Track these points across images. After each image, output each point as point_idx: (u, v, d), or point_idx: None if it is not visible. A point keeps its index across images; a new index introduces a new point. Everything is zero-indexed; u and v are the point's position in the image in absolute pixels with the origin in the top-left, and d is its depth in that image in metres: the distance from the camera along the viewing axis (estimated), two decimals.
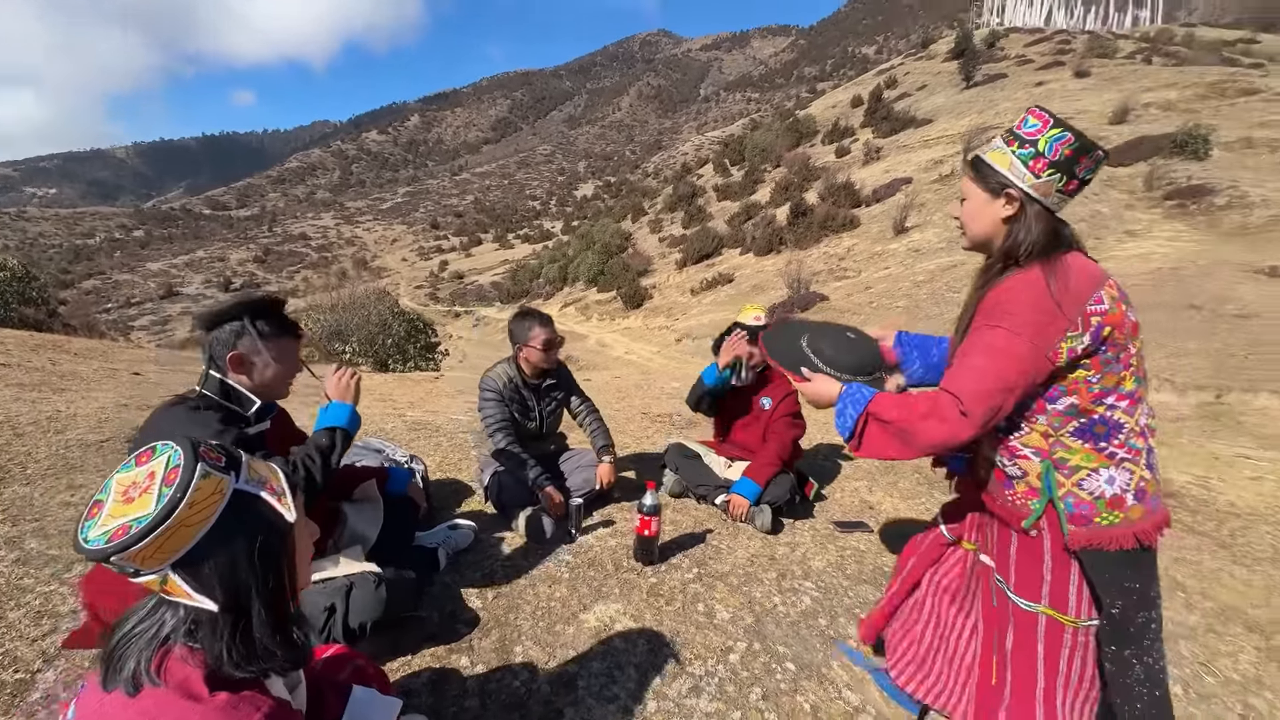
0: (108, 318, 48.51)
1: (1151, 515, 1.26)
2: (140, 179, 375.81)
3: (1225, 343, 8.91)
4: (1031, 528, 1.33)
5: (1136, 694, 1.30)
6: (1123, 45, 43.60)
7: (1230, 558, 2.94)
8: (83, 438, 3.02)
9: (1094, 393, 1.24)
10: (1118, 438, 1.25)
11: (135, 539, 0.78)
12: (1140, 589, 1.28)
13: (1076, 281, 1.20)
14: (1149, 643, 1.30)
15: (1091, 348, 1.21)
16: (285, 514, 0.92)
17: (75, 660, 1.60)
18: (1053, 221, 1.27)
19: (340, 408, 1.71)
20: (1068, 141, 1.22)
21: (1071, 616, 1.34)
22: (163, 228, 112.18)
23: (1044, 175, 1.24)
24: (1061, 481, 1.28)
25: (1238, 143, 18.69)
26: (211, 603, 0.83)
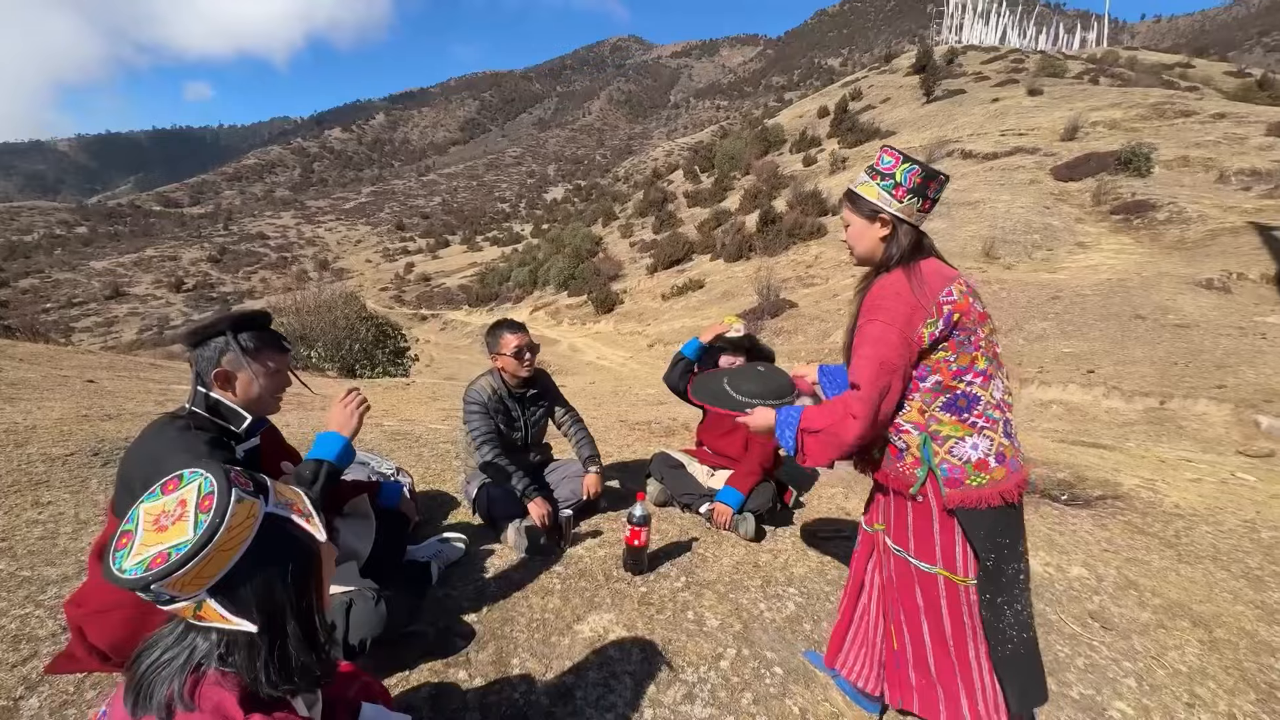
0: (48, 318, 45.99)
1: (1012, 476, 1.48)
2: (84, 173, 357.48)
3: (1168, 351, 9.47)
4: (918, 493, 1.52)
5: (1008, 636, 1.50)
6: (1072, 65, 45.87)
7: (1176, 556, 3.16)
8: (46, 451, 2.90)
9: (953, 370, 1.47)
10: (977, 409, 1.48)
11: (177, 565, 0.79)
12: (1010, 543, 1.50)
13: (931, 279, 1.47)
14: (1018, 591, 1.51)
15: (946, 332, 1.45)
16: (316, 534, 0.95)
17: (59, 686, 1.55)
18: (917, 235, 1.53)
19: (333, 439, 1.61)
20: (917, 172, 1.48)
21: (961, 575, 1.53)
22: (109, 224, 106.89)
23: (905, 200, 1.50)
24: (937, 450, 1.49)
25: (1176, 161, 19.86)
26: (250, 624, 0.85)
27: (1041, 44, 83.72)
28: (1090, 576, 2.82)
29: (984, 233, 17.11)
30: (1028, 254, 15.93)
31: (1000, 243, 16.40)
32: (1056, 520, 3.44)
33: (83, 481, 2.68)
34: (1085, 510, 3.67)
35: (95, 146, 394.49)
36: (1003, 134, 27.60)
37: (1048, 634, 2.32)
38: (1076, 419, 8.22)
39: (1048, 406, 8.81)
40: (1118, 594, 2.69)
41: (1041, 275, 14.35)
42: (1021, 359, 10.44)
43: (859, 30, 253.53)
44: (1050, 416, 8.46)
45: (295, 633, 0.90)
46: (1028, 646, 1.52)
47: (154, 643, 0.89)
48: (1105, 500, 3.88)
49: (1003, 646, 1.50)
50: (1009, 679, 1.51)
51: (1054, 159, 22.43)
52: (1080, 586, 2.72)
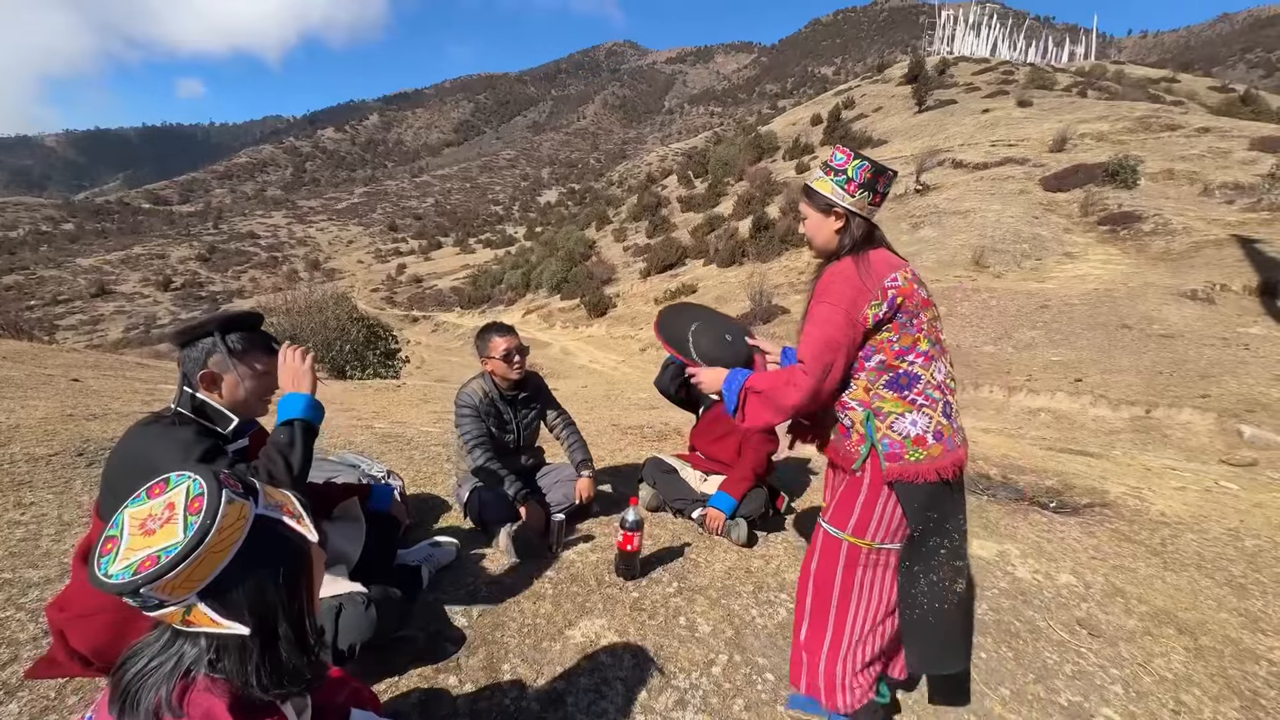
0: (31, 315, 45.27)
1: (948, 454, 1.56)
2: (72, 169, 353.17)
3: (1153, 361, 9.60)
4: (860, 469, 1.61)
5: (918, 603, 1.61)
6: (1060, 78, 46.56)
7: (1162, 564, 3.19)
8: (29, 451, 2.86)
9: (895, 350, 1.57)
10: (917, 387, 1.57)
11: (167, 568, 0.78)
12: (938, 519, 1.59)
13: (877, 266, 1.57)
14: (937, 564, 1.61)
15: (889, 314, 1.55)
16: (307, 534, 0.94)
17: (39, 691, 1.53)
18: (868, 227, 1.64)
19: (295, 398, 1.50)
20: (867, 168, 1.58)
21: (868, 540, 1.64)
22: (96, 221, 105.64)
23: (856, 194, 1.59)
24: (879, 426, 1.58)
25: (1161, 174, 20.18)
26: (242, 627, 0.84)
27: (1031, 57, 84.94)
28: (1078, 584, 2.84)
29: (974, 241, 17.29)
30: (1017, 263, 16.11)
31: (990, 251, 16.57)
32: (1045, 527, 3.46)
33: (67, 482, 2.64)
34: (1073, 518, 3.71)
35: (84, 142, 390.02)
36: (993, 144, 27.94)
37: (1036, 640, 2.34)
38: (1064, 427, 8.30)
39: (1036, 414, 8.89)
40: (1105, 601, 2.71)
41: (1030, 284, 14.52)
42: (1010, 367, 10.54)
43: (852, 40, 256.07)
44: (1038, 424, 8.53)
45: (287, 635, 0.89)
46: (938, 616, 1.60)
47: (139, 649, 0.87)
48: (1093, 508, 3.92)
49: (911, 611, 1.61)
50: (910, 641, 1.64)
51: (1043, 170, 22.72)
52: (1068, 594, 2.74)
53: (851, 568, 1.66)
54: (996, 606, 2.55)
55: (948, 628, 1.62)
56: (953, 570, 1.61)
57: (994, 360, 11.01)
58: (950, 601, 1.61)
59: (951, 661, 1.65)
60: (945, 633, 1.62)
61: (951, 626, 1.63)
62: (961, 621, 1.64)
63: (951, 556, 1.61)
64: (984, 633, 2.35)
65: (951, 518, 1.61)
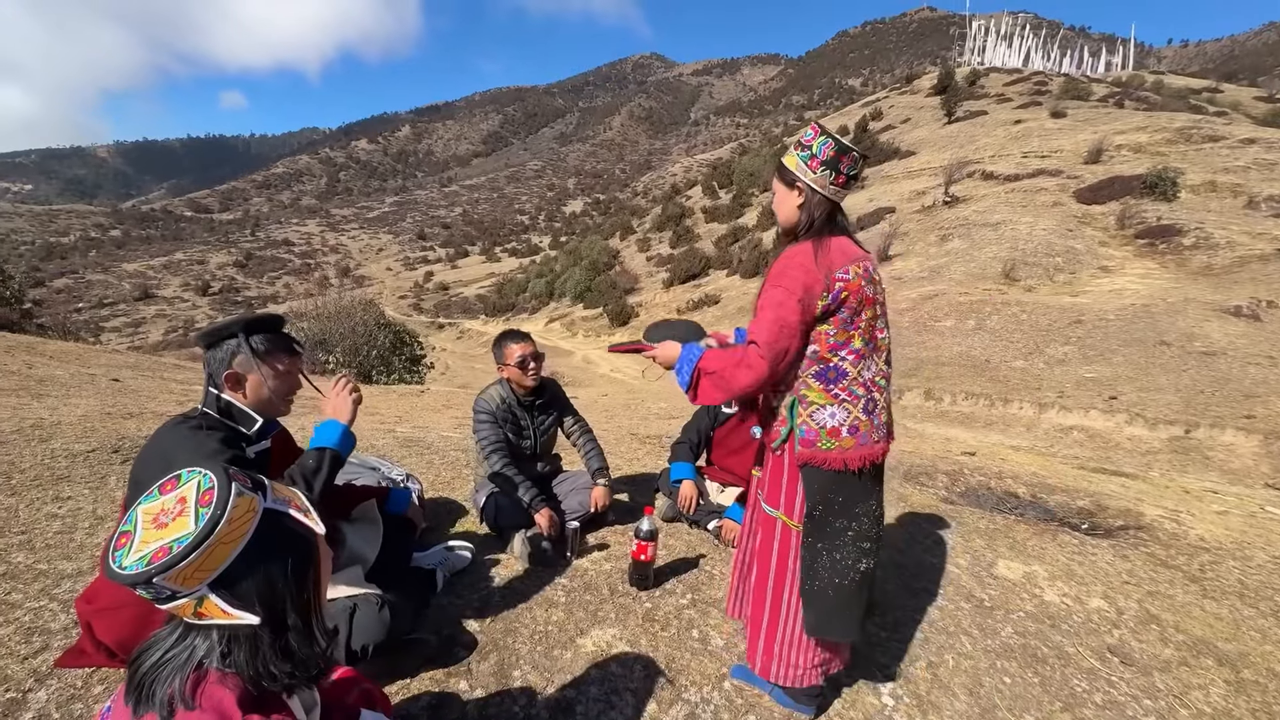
0: (79, 318, 47.23)
1: (860, 448, 1.60)
2: (121, 178, 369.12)
3: (1194, 379, 9.24)
4: (779, 449, 1.69)
5: (819, 575, 1.67)
6: (1096, 89, 45.51)
7: (1201, 592, 3.05)
8: (69, 447, 2.97)
9: (830, 344, 1.60)
10: (842, 383, 1.60)
11: (179, 558, 0.80)
12: (842, 503, 1.65)
13: (834, 255, 1.57)
14: (841, 543, 1.67)
15: (833, 307, 1.56)
16: (314, 526, 0.97)
17: (68, 680, 1.57)
18: (831, 208, 1.63)
19: (333, 427, 1.64)
20: (831, 146, 1.57)
21: (795, 521, 1.70)
22: (141, 228, 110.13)
23: (819, 171, 1.59)
24: (800, 413, 1.63)
25: (1203, 186, 19.54)
26: (252, 617, 0.86)
27: (1066, 67, 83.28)
28: (1110, 609, 2.73)
29: (1004, 254, 16.93)
30: (1049, 277, 15.72)
31: (1021, 264, 16.21)
32: (1076, 550, 3.34)
33: (102, 478, 2.74)
34: (1106, 540, 3.57)
35: (132, 153, 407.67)
36: (1025, 156, 27.41)
37: (1064, 666, 2.25)
38: (1098, 446, 8.03)
39: (1068, 432, 8.62)
40: (1139, 628, 2.60)
41: (1063, 298, 14.14)
42: (1041, 383, 10.26)
43: (880, 51, 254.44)
44: (1070, 443, 8.27)
45: (296, 625, 0.91)
46: (836, 589, 1.67)
47: (154, 643, 0.89)
48: (1127, 530, 3.77)
49: (811, 582, 1.68)
50: (808, 606, 1.70)
51: (1077, 182, 22.19)
52: (1099, 619, 2.64)
53: (785, 548, 1.73)
54: (1022, 630, 2.46)
55: (843, 600, 1.68)
56: (857, 551, 1.68)
57: (1024, 376, 10.73)
58: (850, 579, 1.68)
59: (843, 632, 1.72)
60: (840, 604, 1.69)
61: (847, 600, 1.69)
62: (858, 597, 1.71)
63: (857, 539, 1.68)
64: (1009, 657, 2.27)
65: (861, 504, 1.67)
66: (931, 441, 6.72)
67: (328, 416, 1.67)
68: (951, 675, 2.13)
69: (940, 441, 6.84)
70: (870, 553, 1.71)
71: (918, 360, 12.23)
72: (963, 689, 2.06)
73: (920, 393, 10.92)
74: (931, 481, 4.36)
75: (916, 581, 2.74)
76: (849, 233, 1.67)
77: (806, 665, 1.76)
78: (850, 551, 1.67)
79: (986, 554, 3.12)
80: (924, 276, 17.80)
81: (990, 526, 3.48)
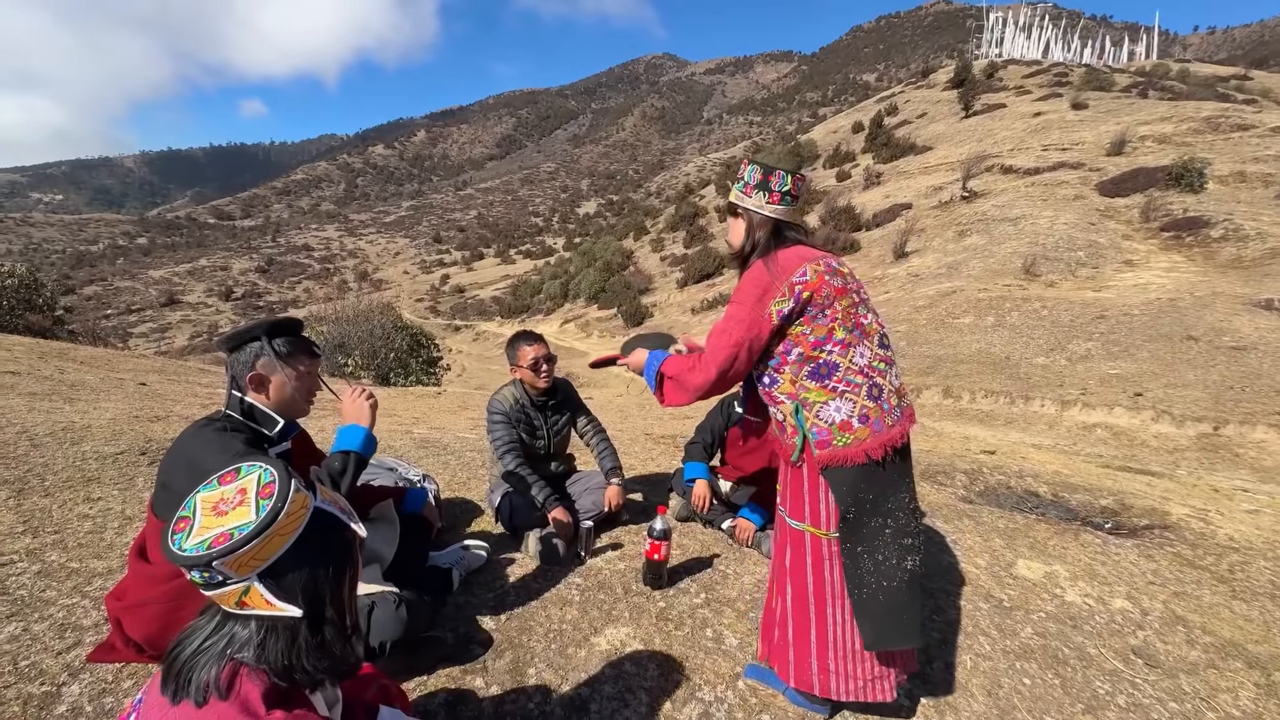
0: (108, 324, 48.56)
1: (876, 435, 1.60)
2: (147, 187, 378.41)
3: (1223, 375, 9.00)
4: (799, 459, 1.68)
5: (865, 582, 1.64)
6: (1119, 79, 44.52)
7: (1230, 592, 2.97)
8: (99, 449, 3.06)
9: (812, 341, 1.64)
10: (837, 374, 1.62)
11: (241, 543, 0.85)
12: (873, 499, 1.63)
13: (785, 263, 1.65)
14: (879, 543, 1.64)
15: (798, 308, 1.63)
16: (358, 530, 1.01)
17: (99, 674, 1.62)
18: (774, 225, 1.73)
19: (355, 430, 1.71)
20: (757, 170, 1.72)
21: (824, 530, 1.68)
22: (166, 236, 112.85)
23: (753, 196, 1.72)
24: (808, 416, 1.64)
25: (1232, 176, 19.01)
26: (295, 609, 0.90)
27: (1087, 58, 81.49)
28: (1134, 610, 2.68)
29: (1024, 250, 16.65)
30: (1071, 272, 15.42)
31: (1042, 260, 15.92)
32: (1098, 549, 3.28)
33: (130, 480, 2.81)
34: (1130, 540, 3.50)
35: (158, 162, 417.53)
36: (1045, 149, 26.91)
37: (1086, 668, 2.21)
38: (1123, 443, 7.86)
39: (1091, 430, 8.45)
40: (1164, 630, 2.55)
41: (1086, 294, 13.86)
42: (1064, 380, 10.06)
43: (895, 46, 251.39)
44: (1094, 440, 8.11)
45: (333, 620, 0.95)
46: (887, 594, 1.64)
47: (192, 632, 0.93)
48: (1152, 530, 3.69)
49: (860, 591, 1.65)
50: (862, 618, 1.65)
51: (1099, 174, 21.73)
52: (1123, 620, 2.59)
53: (819, 559, 1.70)
54: (1043, 631, 2.43)
55: (897, 604, 1.64)
56: (899, 549, 1.65)
57: (1046, 373, 10.54)
58: (898, 579, 1.64)
59: (903, 638, 1.66)
60: (895, 609, 1.64)
61: (901, 603, 1.65)
62: (911, 597, 1.66)
63: (896, 535, 1.65)
64: (1028, 658, 2.24)
65: (892, 497, 1.65)
66: (950, 440, 6.63)
67: (348, 421, 1.73)
68: (969, 676, 2.10)
69: (959, 440, 6.74)
70: (913, 549, 1.67)
71: (935, 358, 12.07)
72: (981, 690, 2.04)
73: (938, 391, 10.77)
74: (949, 480, 4.31)
75: (933, 581, 2.71)
76: (803, 241, 1.75)
77: (866, 677, 1.72)
78: (892, 551, 1.64)
79: (1006, 554, 3.08)
80: (941, 273, 17.56)
81: (1010, 526, 3.43)
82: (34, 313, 10.25)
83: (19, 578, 1.97)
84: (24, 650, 1.67)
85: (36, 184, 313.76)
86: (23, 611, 1.82)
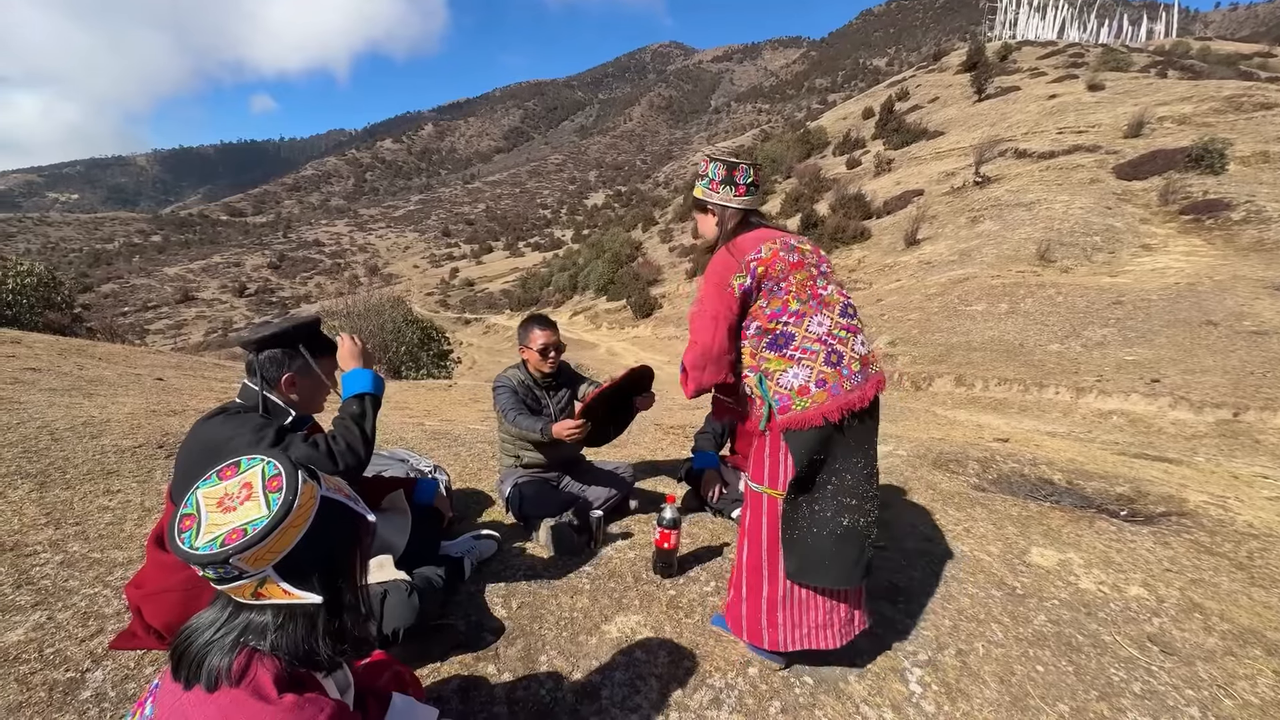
0: (125, 321, 49.31)
1: (835, 399, 1.70)
2: (160, 185, 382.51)
3: (1243, 360, 8.83)
4: (765, 428, 1.79)
5: (799, 525, 1.79)
6: (1137, 58, 43.48)
7: (1249, 579, 2.93)
8: (117, 443, 3.11)
9: (768, 314, 1.77)
10: (793, 344, 1.74)
11: (257, 539, 0.85)
12: (824, 460, 1.76)
13: (743, 244, 1.80)
14: (820, 495, 1.78)
15: (754, 284, 1.76)
16: (364, 513, 1.02)
17: (121, 661, 1.66)
18: (740, 215, 1.87)
19: (360, 373, 1.69)
20: (720, 167, 1.85)
21: (781, 491, 1.80)
22: (180, 233, 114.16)
23: (720, 191, 1.86)
24: (770, 385, 1.76)
25: (1254, 157, 18.56)
26: (315, 596, 0.91)
27: (1104, 37, 79.70)
28: (1150, 597, 2.65)
29: (1038, 235, 16.39)
30: (1087, 257, 15.17)
31: (1057, 245, 15.67)
32: (1114, 536, 3.24)
33: (149, 472, 2.86)
34: (1146, 527, 3.45)
35: (170, 160, 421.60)
36: (1060, 132, 26.40)
37: (1101, 655, 2.19)
38: (1139, 430, 7.75)
39: (1107, 417, 8.34)
40: (1180, 617, 2.52)
41: (1102, 279, 13.63)
42: (1079, 367, 9.93)
43: (906, 29, 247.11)
44: (1110, 428, 8.00)
45: (351, 604, 0.97)
46: (815, 539, 1.77)
47: (201, 623, 0.94)
48: (1169, 517, 3.64)
49: (791, 531, 1.79)
50: (788, 551, 1.80)
51: (1117, 157, 21.30)
52: (1138, 607, 2.56)
53: (774, 519, 1.82)
54: (1056, 618, 2.41)
55: (822, 550, 1.78)
56: (837, 505, 1.77)
57: (1060, 360, 10.40)
58: (828, 530, 1.77)
59: (820, 578, 1.80)
60: (820, 553, 1.78)
61: (827, 550, 1.78)
62: (838, 550, 1.77)
63: (838, 493, 1.77)
64: (1042, 645, 2.22)
65: (842, 459, 1.76)
66: (962, 428, 6.57)
67: (349, 367, 1.71)
68: (982, 663, 2.10)
69: (972, 428, 6.69)
70: (854, 510, 1.77)
71: (947, 346, 11.95)
72: (993, 677, 2.03)
73: (951, 379, 10.67)
74: (962, 469, 4.28)
75: (945, 569, 2.70)
76: (765, 224, 1.90)
77: (811, 624, 1.86)
78: (829, 504, 1.77)
79: (1019, 541, 3.06)
80: (954, 260, 17.34)
81: (1023, 513, 3.40)
82: (53, 311, 10.43)
83: (43, 568, 2.01)
84: (49, 638, 1.71)
85: (53, 184, 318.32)
86: (47, 600, 1.86)
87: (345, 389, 1.68)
